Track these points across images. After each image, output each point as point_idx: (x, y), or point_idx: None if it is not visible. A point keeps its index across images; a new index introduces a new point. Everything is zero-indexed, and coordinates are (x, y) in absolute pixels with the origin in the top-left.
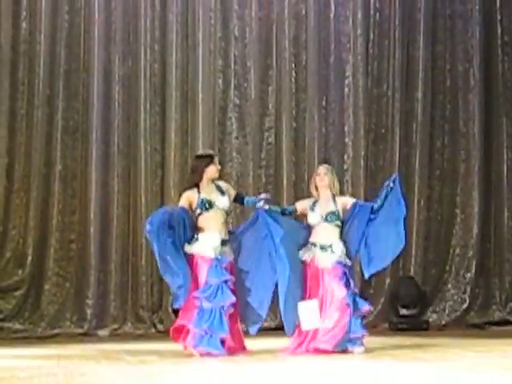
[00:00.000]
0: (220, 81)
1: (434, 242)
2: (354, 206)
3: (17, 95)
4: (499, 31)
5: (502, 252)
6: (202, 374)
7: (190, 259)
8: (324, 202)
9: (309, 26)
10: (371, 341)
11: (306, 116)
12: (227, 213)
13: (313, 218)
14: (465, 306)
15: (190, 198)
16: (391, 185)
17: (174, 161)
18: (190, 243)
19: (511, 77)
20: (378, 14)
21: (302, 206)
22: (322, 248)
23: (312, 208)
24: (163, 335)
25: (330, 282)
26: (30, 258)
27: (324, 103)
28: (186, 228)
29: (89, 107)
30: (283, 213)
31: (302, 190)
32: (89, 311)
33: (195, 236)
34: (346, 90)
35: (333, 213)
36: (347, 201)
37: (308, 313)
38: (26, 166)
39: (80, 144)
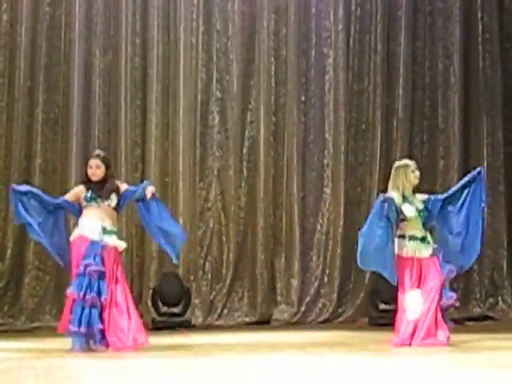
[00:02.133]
0: (202, 74)
1: None
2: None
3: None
4: (480, 28)
5: (481, 248)
6: (182, 369)
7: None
8: (414, 197)
9: (289, 21)
10: (354, 338)
11: (284, 110)
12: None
13: (410, 211)
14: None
15: (78, 193)
16: (477, 174)
17: (155, 154)
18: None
19: (492, 74)
20: (359, 10)
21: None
22: (422, 240)
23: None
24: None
25: (428, 272)
26: (9, 251)
27: (303, 98)
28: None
29: (69, 100)
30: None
31: (280, 184)
32: None
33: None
34: (327, 84)
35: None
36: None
37: (413, 303)
38: (7, 158)
39: (60, 137)
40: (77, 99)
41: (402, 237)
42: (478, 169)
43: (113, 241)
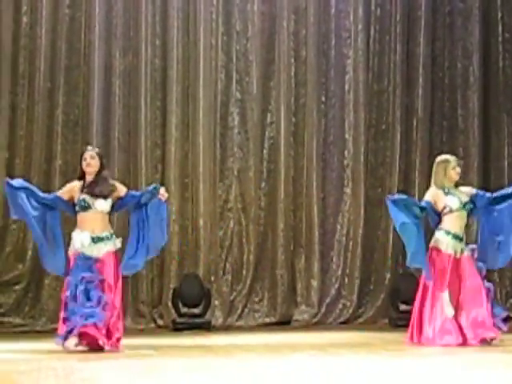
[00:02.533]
0: (222, 75)
1: None
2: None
3: (17, 89)
4: (500, 28)
5: None
6: (202, 369)
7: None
8: (458, 190)
9: (309, 21)
10: (373, 338)
11: (305, 111)
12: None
13: (454, 203)
14: None
15: (71, 190)
16: None
17: (175, 155)
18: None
19: None
20: (378, 10)
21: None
22: (461, 239)
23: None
24: (163, 330)
25: (466, 272)
26: (30, 253)
27: (324, 98)
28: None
29: (89, 102)
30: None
31: (300, 184)
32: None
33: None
34: (347, 85)
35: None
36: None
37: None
38: (27, 160)
39: (80, 138)
40: (97, 101)
41: (446, 232)
42: None
43: (105, 248)
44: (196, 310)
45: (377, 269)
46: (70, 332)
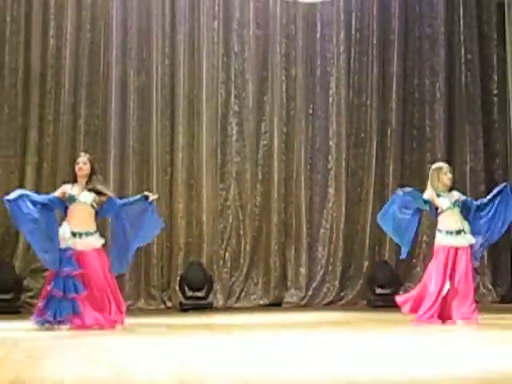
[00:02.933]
0: (222, 91)
1: None
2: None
3: (45, 103)
4: (462, 51)
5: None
6: (206, 344)
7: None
8: (450, 193)
9: (298, 44)
10: (353, 317)
11: (294, 122)
12: (93, 207)
13: (444, 203)
14: None
15: (63, 190)
16: (505, 188)
17: (182, 160)
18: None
19: (473, 90)
20: (358, 34)
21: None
22: (457, 232)
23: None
24: (171, 310)
25: (460, 262)
26: None
27: (311, 111)
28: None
29: (107, 114)
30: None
31: (290, 185)
32: None
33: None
34: (330, 99)
35: (458, 201)
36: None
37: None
38: (53, 164)
39: (100, 146)
40: (114, 113)
41: (440, 231)
42: (504, 184)
43: (84, 243)
44: (200, 293)
45: (356, 258)
46: (60, 322)
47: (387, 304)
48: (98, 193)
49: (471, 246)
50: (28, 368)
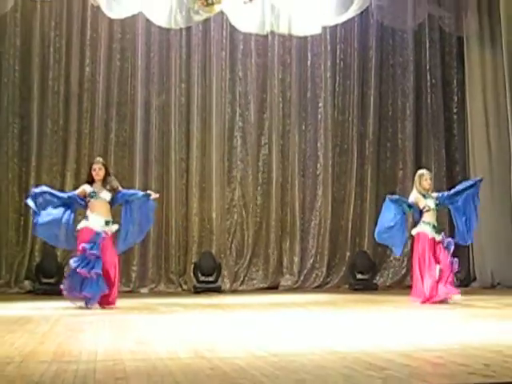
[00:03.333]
0: (229, 110)
1: None
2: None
3: (82, 119)
4: (428, 76)
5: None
6: (215, 320)
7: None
8: (430, 195)
9: (292, 71)
10: (337, 298)
11: (289, 136)
12: (109, 203)
13: (431, 204)
14: (402, 272)
15: (84, 189)
16: (474, 183)
17: (195, 167)
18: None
19: (437, 108)
20: (341, 63)
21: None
22: (434, 227)
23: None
24: (187, 292)
25: (440, 252)
26: None
27: (303, 127)
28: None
29: (134, 128)
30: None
31: (286, 188)
32: (133, 275)
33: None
34: (319, 117)
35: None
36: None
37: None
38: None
39: (127, 155)
40: (139, 128)
41: (427, 223)
42: (479, 178)
43: (111, 229)
44: (210, 278)
45: (340, 248)
46: (90, 299)
47: (365, 287)
48: (114, 190)
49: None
50: (67, 340)
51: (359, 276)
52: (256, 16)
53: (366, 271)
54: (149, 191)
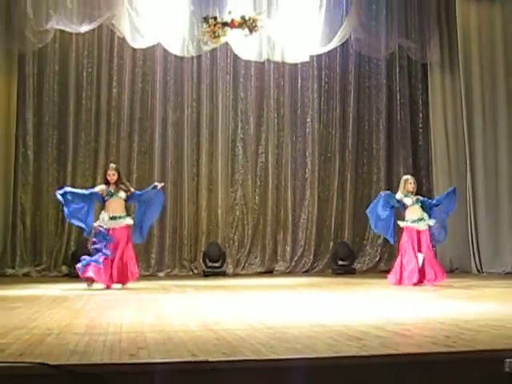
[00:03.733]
0: (232, 124)
1: (358, 221)
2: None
3: (110, 132)
4: (398, 96)
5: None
6: (221, 299)
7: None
8: (413, 196)
9: (285, 92)
10: (322, 281)
11: (282, 146)
12: (125, 200)
13: (407, 201)
14: (376, 259)
15: (101, 188)
16: (451, 192)
17: (204, 172)
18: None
19: (405, 123)
20: (326, 85)
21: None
22: (418, 220)
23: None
24: (197, 276)
25: (423, 241)
26: None
27: (294, 138)
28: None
29: (153, 139)
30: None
31: (280, 190)
32: (152, 261)
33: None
34: (307, 130)
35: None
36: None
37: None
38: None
39: (147, 162)
40: (157, 139)
41: (405, 220)
42: (453, 187)
43: (118, 223)
44: (216, 264)
45: (324, 240)
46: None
47: (346, 272)
48: (126, 190)
49: (430, 228)
50: (98, 315)
51: (340, 262)
52: (255, 46)
53: (346, 258)
54: (155, 183)
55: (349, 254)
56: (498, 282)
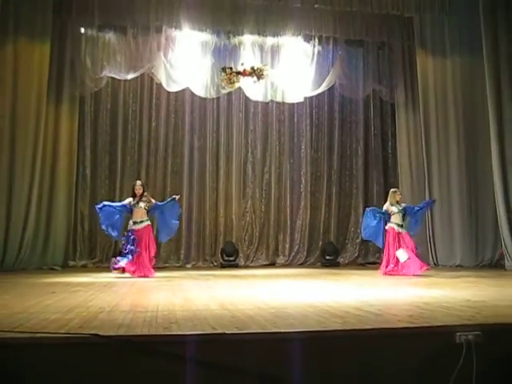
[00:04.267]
0: (243, 150)
1: (342, 225)
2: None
3: (149, 156)
4: (372, 128)
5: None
6: (235, 285)
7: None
8: (399, 205)
9: (285, 125)
10: (313, 271)
11: (283, 167)
12: (145, 209)
13: (395, 210)
14: (355, 255)
15: (129, 201)
16: (430, 201)
17: (222, 187)
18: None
19: (378, 150)
20: (316, 120)
21: (387, 206)
22: (400, 226)
23: (394, 206)
24: (216, 267)
25: (404, 240)
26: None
27: (291, 161)
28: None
29: (183, 162)
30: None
31: (281, 201)
32: (182, 256)
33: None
34: (302, 155)
35: (403, 209)
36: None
37: (402, 254)
38: (153, 190)
39: (178, 179)
40: (186, 161)
41: (392, 223)
42: (433, 198)
43: (140, 225)
44: (231, 258)
45: (315, 240)
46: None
47: (332, 264)
48: (147, 201)
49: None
50: (140, 298)
51: (327, 257)
52: (261, 90)
53: (332, 254)
54: (174, 196)
55: (334, 251)
56: (450, 273)
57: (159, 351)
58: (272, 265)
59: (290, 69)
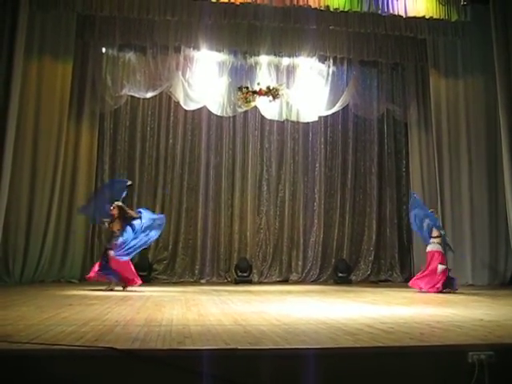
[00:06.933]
0: (259, 167)
1: (355, 243)
2: None
3: (166, 173)
4: (386, 147)
5: (386, 247)
6: (248, 300)
7: None
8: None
9: (300, 143)
10: (326, 288)
11: (297, 185)
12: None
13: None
14: (368, 273)
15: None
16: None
17: (237, 203)
18: None
19: (391, 168)
20: (330, 139)
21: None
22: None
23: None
24: (230, 283)
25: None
26: (170, 247)
27: (306, 179)
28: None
29: (199, 179)
30: None
31: (294, 217)
32: (196, 271)
33: None
34: (316, 173)
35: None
36: None
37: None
38: (170, 205)
39: (194, 196)
40: (202, 178)
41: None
42: (433, 210)
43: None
44: (245, 274)
45: (328, 257)
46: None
47: (344, 282)
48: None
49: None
50: (154, 312)
51: (340, 274)
52: (277, 109)
53: (344, 271)
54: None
55: (347, 268)
56: (462, 291)
57: (173, 365)
58: (285, 281)
59: (304, 89)
